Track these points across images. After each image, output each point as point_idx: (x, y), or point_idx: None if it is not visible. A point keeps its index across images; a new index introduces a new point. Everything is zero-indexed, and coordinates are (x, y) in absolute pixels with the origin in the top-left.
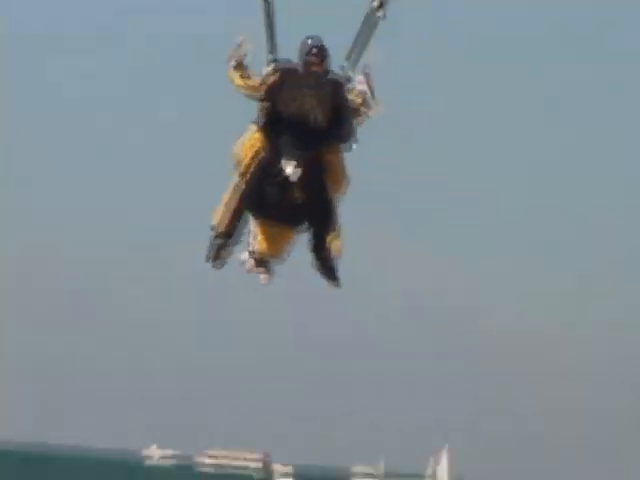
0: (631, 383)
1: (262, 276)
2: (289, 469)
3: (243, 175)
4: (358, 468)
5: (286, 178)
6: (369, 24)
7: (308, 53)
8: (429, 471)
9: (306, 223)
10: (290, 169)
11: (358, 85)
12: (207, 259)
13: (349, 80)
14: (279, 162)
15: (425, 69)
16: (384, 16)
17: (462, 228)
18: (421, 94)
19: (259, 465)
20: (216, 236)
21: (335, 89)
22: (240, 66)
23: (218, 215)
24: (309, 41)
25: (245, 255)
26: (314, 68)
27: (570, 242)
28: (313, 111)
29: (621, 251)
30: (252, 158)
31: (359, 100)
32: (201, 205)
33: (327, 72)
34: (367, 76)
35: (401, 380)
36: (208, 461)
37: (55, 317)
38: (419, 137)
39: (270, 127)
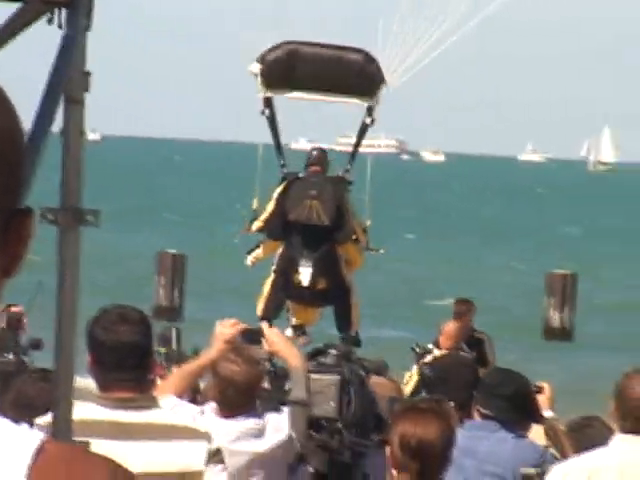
0: None
1: (301, 340)
2: (438, 154)
3: (274, 271)
4: (523, 156)
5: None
6: (362, 130)
7: (309, 157)
8: (586, 152)
9: (329, 304)
10: (306, 280)
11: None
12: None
13: (351, 183)
14: (298, 261)
15: None
16: (372, 122)
17: None
18: None
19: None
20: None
21: (335, 186)
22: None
23: (260, 305)
24: (313, 151)
25: (290, 331)
26: (313, 168)
27: None
28: (316, 211)
29: None
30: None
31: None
32: None
33: (325, 172)
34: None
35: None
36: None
37: None
38: None
39: (280, 233)
